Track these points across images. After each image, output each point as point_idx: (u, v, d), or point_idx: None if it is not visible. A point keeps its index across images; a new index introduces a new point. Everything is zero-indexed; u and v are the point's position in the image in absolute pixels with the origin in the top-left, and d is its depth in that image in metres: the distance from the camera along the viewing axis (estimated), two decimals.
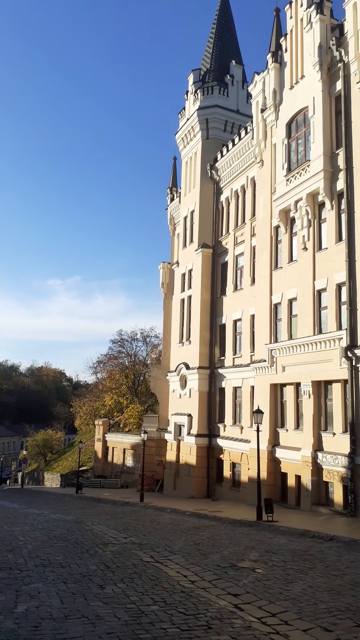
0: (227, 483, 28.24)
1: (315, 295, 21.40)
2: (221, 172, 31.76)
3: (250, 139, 27.80)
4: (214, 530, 15.93)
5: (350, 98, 19.94)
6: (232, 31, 37.26)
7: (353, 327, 18.63)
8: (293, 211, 22.87)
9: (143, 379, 58.60)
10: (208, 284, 31.84)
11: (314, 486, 20.19)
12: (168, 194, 40.35)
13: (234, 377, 28.60)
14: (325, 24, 21.36)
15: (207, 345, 31.17)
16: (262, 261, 25.67)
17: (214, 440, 29.60)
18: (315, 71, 21.53)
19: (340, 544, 12.81)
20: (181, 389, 33.05)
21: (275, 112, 24.76)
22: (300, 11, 23.09)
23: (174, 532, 15.59)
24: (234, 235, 30.32)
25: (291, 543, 13.30)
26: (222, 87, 33.68)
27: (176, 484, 32.34)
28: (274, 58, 24.91)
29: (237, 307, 29.17)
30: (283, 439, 22.92)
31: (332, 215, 20.80)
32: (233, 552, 12.15)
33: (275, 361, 23.34)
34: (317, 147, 21.24)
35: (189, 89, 34.98)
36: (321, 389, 20.84)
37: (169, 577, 9.60)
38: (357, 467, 17.88)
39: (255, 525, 16.87)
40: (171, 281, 38.67)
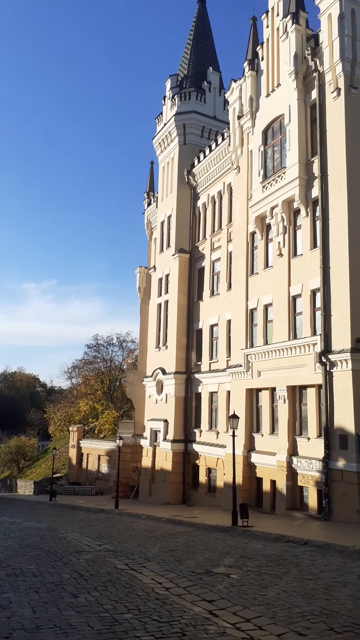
0: (203, 488, 28.19)
1: (291, 301, 21.61)
2: (198, 178, 31.90)
3: (227, 145, 28.02)
4: (189, 537, 15.84)
5: (325, 107, 20.27)
6: (209, 38, 37.59)
7: (327, 332, 18.85)
8: (269, 218, 23.09)
9: (119, 385, 58.23)
10: (185, 289, 31.87)
11: (289, 491, 20.29)
12: (145, 198, 40.34)
13: (210, 382, 28.63)
14: (301, 34, 21.70)
15: (183, 350, 31.15)
16: (238, 267, 25.82)
17: (190, 445, 29.53)
18: (291, 80, 21.84)
19: (314, 548, 12.88)
20: (157, 394, 32.92)
21: (251, 119, 25.01)
22: (276, 20, 23.42)
23: (148, 539, 15.45)
24: (211, 240, 30.45)
25: (266, 548, 13.31)
26: (200, 93, 33.91)
27: (152, 490, 32.14)
28: (251, 66, 25.19)
29: (213, 312, 29.26)
30: (258, 443, 23.00)
31: (307, 222, 21.07)
32: (208, 558, 12.09)
33: (251, 366, 23.45)
34: (292, 154, 21.51)
35: (166, 94, 35.11)
36: (296, 393, 21.00)
37: (143, 585, 9.48)
38: (331, 471, 18.04)
39: (230, 530, 16.84)
40: (148, 286, 38.59)
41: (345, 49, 19.27)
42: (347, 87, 19.40)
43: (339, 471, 17.74)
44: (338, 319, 18.47)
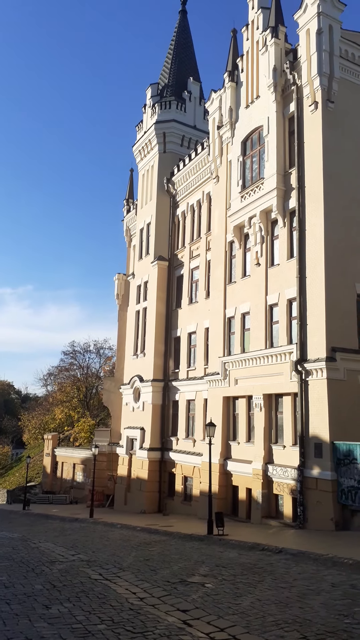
0: (179, 497, 28.08)
1: (268, 309, 21.81)
2: (178, 186, 32.07)
3: (207, 154, 28.26)
4: (164, 546, 15.75)
5: (303, 120, 20.63)
6: (190, 49, 38.00)
7: (303, 341, 19.07)
8: (247, 227, 23.32)
9: (95, 392, 57.79)
10: (163, 297, 31.89)
11: (265, 499, 20.36)
12: (124, 205, 40.33)
13: (187, 390, 28.62)
14: (280, 48, 22.10)
15: (161, 358, 31.11)
16: (216, 275, 25.98)
17: (166, 454, 29.42)
18: (270, 92, 22.19)
19: (288, 556, 12.93)
20: (134, 402, 32.76)
21: (231, 130, 25.30)
22: (256, 34, 23.81)
23: (123, 548, 15.32)
24: (190, 248, 30.58)
25: (241, 556, 13.31)
26: (180, 103, 34.19)
27: (127, 498, 31.88)
28: (231, 77, 25.52)
29: (192, 320, 29.33)
30: (235, 452, 23.05)
31: (285, 232, 21.35)
32: (183, 567, 12.03)
33: (228, 374, 23.55)
34: (271, 165, 21.81)
35: (147, 102, 35.28)
36: (272, 402, 21.15)
37: (117, 595, 9.38)
38: (306, 479, 18.18)
39: (206, 539, 16.80)
40: (126, 292, 38.49)
41: (322, 64, 19.67)
42: (324, 101, 19.79)
43: (313, 479, 17.89)
44: (313, 328, 18.71)
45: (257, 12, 23.67)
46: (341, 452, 17.09)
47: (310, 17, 20.10)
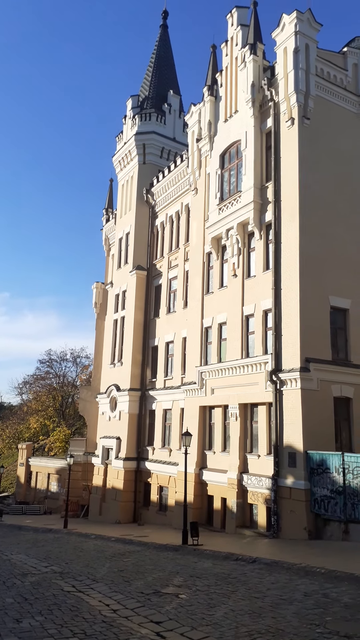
0: (154, 507, 27.99)
1: (244, 320, 22.07)
2: (157, 197, 32.29)
3: (186, 167, 28.57)
4: (139, 556, 15.69)
5: (280, 135, 21.08)
6: (170, 62, 38.47)
7: (278, 352, 19.35)
8: (224, 239, 23.61)
9: (71, 401, 57.27)
10: (142, 306, 31.95)
11: (239, 508, 20.47)
12: (104, 214, 40.39)
13: (164, 399, 28.66)
14: (258, 64, 22.58)
15: (139, 367, 31.10)
16: (194, 285, 26.18)
17: (142, 463, 29.33)
18: (248, 107, 22.62)
19: (262, 565, 13.04)
20: (111, 411, 32.61)
21: (209, 143, 25.66)
22: (235, 50, 24.29)
23: (97, 559, 15.21)
24: (168, 259, 30.77)
25: (215, 566, 13.36)
26: (160, 115, 34.55)
27: (102, 509, 31.61)
28: (210, 91, 25.92)
29: (169, 329, 29.44)
30: (210, 461, 23.14)
31: (261, 244, 21.69)
32: (157, 577, 12.02)
33: (205, 383, 23.68)
34: (248, 179, 22.19)
35: (127, 113, 35.54)
36: (248, 411, 21.35)
37: (90, 607, 9.33)
38: (280, 489, 18.36)
39: (180, 549, 16.80)
40: (104, 301, 38.43)
41: (299, 82, 20.17)
42: (300, 117, 20.28)
43: (287, 488, 18.09)
44: (288, 339, 19.01)
45: (236, 29, 24.16)
46: (314, 461, 17.34)
47: (287, 35, 20.62)
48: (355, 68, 22.77)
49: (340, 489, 16.36)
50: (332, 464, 16.72)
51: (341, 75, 22.11)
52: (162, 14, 39.63)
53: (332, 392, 18.93)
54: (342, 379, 19.26)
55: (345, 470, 16.24)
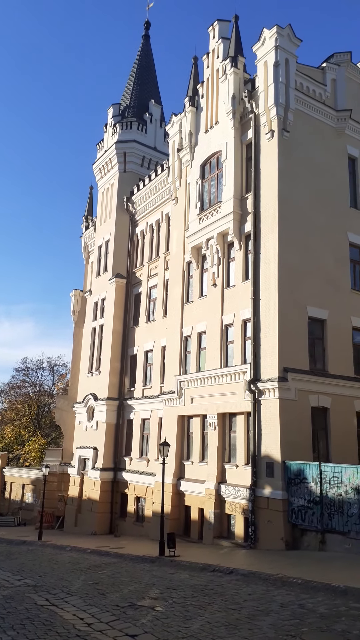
0: (131, 518, 27.67)
1: (223, 329, 22.12)
2: (137, 206, 32.31)
3: (166, 176, 28.68)
4: (114, 568, 15.45)
5: (260, 147, 21.33)
6: (152, 72, 38.75)
7: (256, 361, 19.41)
8: (204, 249, 23.70)
9: (48, 410, 56.46)
10: (121, 314, 31.80)
11: (217, 519, 20.36)
12: (83, 221, 40.20)
13: (142, 409, 28.46)
14: (239, 77, 22.86)
15: (117, 376, 30.86)
16: (174, 294, 26.17)
17: (119, 474, 29.01)
18: (228, 119, 22.86)
19: (239, 576, 12.95)
20: (88, 420, 32.23)
21: (190, 153, 25.82)
22: (216, 62, 24.57)
23: (72, 572, 14.92)
24: (148, 267, 30.74)
25: (192, 578, 13.22)
26: (141, 124, 34.70)
27: (78, 520, 31.10)
28: (191, 102, 26.13)
29: (149, 338, 29.32)
30: (188, 471, 23.00)
31: (240, 255, 21.83)
32: (133, 590, 11.83)
33: (183, 393, 23.60)
34: (228, 189, 22.36)
35: (108, 121, 35.58)
36: (226, 421, 21.32)
37: (64, 621, 9.11)
38: (258, 499, 18.33)
39: (157, 561, 16.60)
40: (83, 309, 38.14)
41: (279, 95, 20.46)
42: (280, 130, 20.56)
43: (265, 499, 18.06)
44: (267, 348, 19.10)
45: (218, 41, 24.47)
46: (292, 471, 17.38)
47: (268, 50, 20.94)
48: (334, 83, 23.24)
49: (317, 499, 16.41)
50: (309, 474, 16.77)
51: (320, 90, 22.54)
52: (145, 25, 39.99)
53: (310, 402, 19.05)
54: (319, 389, 19.40)
55: (323, 480, 16.30)
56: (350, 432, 20.08)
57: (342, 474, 15.81)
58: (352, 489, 15.42)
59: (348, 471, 15.74)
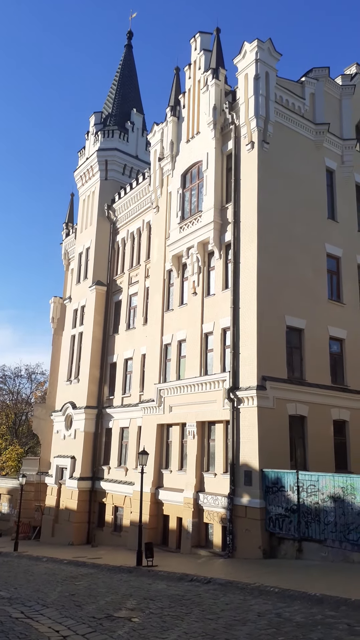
0: (109, 528, 27.41)
1: (203, 338, 22.21)
2: (118, 213, 32.33)
3: (148, 184, 28.79)
4: (91, 579, 15.27)
5: (240, 158, 21.59)
6: (134, 81, 38.98)
7: (235, 369, 19.52)
8: (185, 257, 23.82)
9: (25, 419, 55.74)
10: (101, 321, 31.66)
11: (195, 528, 20.31)
12: (64, 228, 40.06)
13: (122, 417, 28.31)
14: (220, 88, 23.17)
15: (96, 384, 30.66)
16: (154, 302, 26.19)
17: (97, 483, 28.75)
18: (209, 129, 23.11)
19: (217, 586, 12.92)
20: (66, 429, 31.91)
21: (171, 162, 25.99)
22: (198, 73, 24.85)
23: (48, 583, 14.69)
24: (129, 275, 30.72)
25: (169, 588, 13.15)
26: (123, 132, 34.83)
27: (55, 530, 30.67)
28: (173, 112, 26.35)
29: (129, 345, 29.25)
30: (167, 480, 22.92)
31: (220, 264, 22.00)
32: (110, 601, 11.71)
33: (163, 401, 23.57)
34: (208, 199, 22.56)
35: (90, 129, 35.62)
36: (205, 429, 21.34)
37: (39, 634, 8.96)
38: (236, 507, 18.35)
39: (134, 571, 16.47)
40: (62, 316, 37.87)
41: (259, 107, 20.78)
42: (260, 141, 20.86)
43: (243, 507, 18.10)
44: (246, 357, 19.23)
45: (200, 53, 24.77)
46: (270, 479, 17.46)
47: (248, 63, 21.27)
48: (313, 97, 23.71)
49: (294, 507, 16.51)
50: (287, 482, 16.88)
51: (299, 104, 22.96)
52: (127, 35, 40.25)
53: (288, 410, 19.21)
54: (297, 398, 19.59)
55: (300, 489, 16.42)
56: (326, 441, 20.30)
57: (319, 482, 15.96)
58: (329, 497, 15.57)
59: (325, 479, 15.89)
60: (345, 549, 14.94)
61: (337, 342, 22.30)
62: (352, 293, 23.33)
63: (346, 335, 22.43)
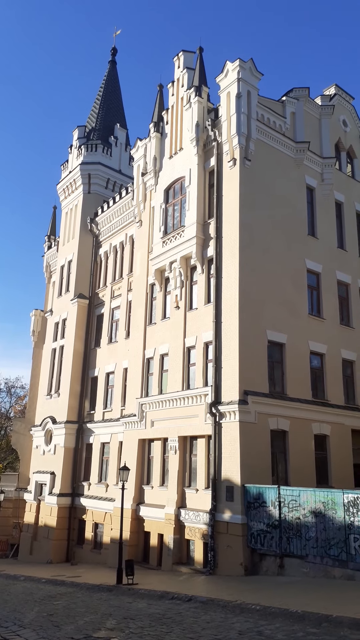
0: (89, 545, 26.95)
1: (185, 351, 22.21)
2: (101, 227, 32.36)
3: (131, 199, 28.92)
4: (70, 598, 14.97)
5: (222, 174, 21.87)
6: (118, 97, 39.35)
7: (218, 384, 19.53)
8: (168, 271, 23.89)
9: (4, 434, 54.78)
10: (82, 335, 31.45)
11: (176, 545, 20.09)
12: (46, 241, 39.88)
13: (102, 432, 28.03)
14: (203, 106, 23.51)
15: (77, 398, 30.34)
16: (137, 316, 26.15)
17: (77, 499, 28.31)
18: (192, 146, 23.38)
19: (198, 604, 12.78)
20: (46, 444, 31.44)
21: (154, 177, 26.18)
22: (181, 91, 25.20)
23: (26, 603, 14.36)
24: (112, 288, 30.66)
25: (150, 607, 12.95)
26: (106, 147, 35.05)
27: (33, 548, 30.03)
28: (156, 128, 26.61)
29: (110, 359, 29.08)
30: (148, 496, 22.69)
31: (203, 278, 22.12)
32: (89, 621, 11.48)
33: (145, 416, 23.42)
34: (191, 214, 22.74)
35: (73, 143, 35.74)
36: (187, 444, 21.24)
37: None
38: (218, 523, 18.23)
39: (114, 589, 16.20)
40: (43, 329, 37.53)
41: (241, 125, 21.12)
42: (242, 158, 21.16)
43: (224, 523, 17.99)
44: (228, 371, 19.27)
45: (183, 71, 25.14)
46: (251, 495, 17.41)
47: (230, 81, 21.66)
48: (293, 116, 24.19)
49: (276, 522, 16.47)
50: (268, 498, 16.85)
51: (280, 122, 23.41)
52: (111, 51, 40.68)
53: (269, 425, 19.26)
54: (278, 412, 19.67)
55: (281, 504, 16.41)
56: (308, 455, 20.37)
57: (300, 497, 15.97)
58: (310, 512, 15.59)
59: (306, 494, 15.92)
60: (326, 565, 14.93)
61: (317, 357, 22.52)
62: (331, 308, 23.65)
63: (326, 350, 22.68)
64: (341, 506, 14.76)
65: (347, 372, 23.90)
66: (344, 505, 14.69)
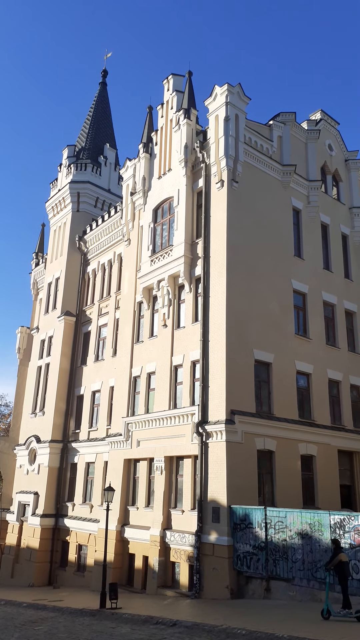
0: (72, 567, 26.39)
1: (173, 370, 22.15)
2: (89, 245, 32.44)
3: (119, 218, 29.09)
4: (52, 623, 14.60)
5: (210, 195, 22.15)
6: (108, 117, 39.89)
7: (205, 403, 19.46)
8: (156, 290, 23.96)
9: None
10: (68, 353, 31.25)
11: (161, 567, 19.76)
12: (33, 258, 39.86)
13: (87, 452, 27.68)
14: (191, 128, 23.89)
15: (62, 417, 30.01)
16: (124, 334, 26.10)
17: (61, 520, 27.80)
18: (181, 167, 23.69)
19: (182, 629, 12.54)
20: (29, 464, 30.95)
21: (143, 197, 26.40)
22: (170, 112, 25.60)
23: (5, 629, 13.97)
24: (99, 306, 30.62)
25: (134, 632, 12.68)
26: (96, 166, 35.37)
27: (15, 570, 29.33)
28: (145, 149, 26.95)
29: (97, 377, 28.88)
30: (133, 517, 22.36)
31: (191, 297, 22.22)
32: None
33: (130, 435, 23.21)
34: (179, 234, 22.93)
35: (63, 162, 36.02)
36: (173, 464, 21.05)
37: None
38: (203, 545, 17.99)
39: (97, 614, 15.85)
40: (29, 347, 37.28)
41: (229, 147, 21.48)
42: (229, 180, 21.48)
43: (210, 545, 17.76)
44: (215, 390, 19.25)
45: (172, 94, 25.58)
46: (238, 516, 17.25)
47: (219, 105, 22.08)
48: (280, 140, 24.68)
49: (262, 544, 16.31)
50: (254, 519, 16.70)
51: (267, 145, 23.86)
52: (102, 73, 41.34)
53: (256, 445, 19.20)
54: (265, 432, 19.63)
55: (268, 525, 16.27)
56: (294, 476, 20.31)
57: (287, 519, 15.87)
58: (297, 534, 15.48)
59: (292, 515, 15.82)
60: (313, 588, 14.78)
61: (304, 377, 22.62)
62: (318, 328, 23.86)
63: (312, 370, 22.80)
64: (328, 528, 14.68)
65: (334, 392, 24.02)
66: (331, 527, 14.62)
